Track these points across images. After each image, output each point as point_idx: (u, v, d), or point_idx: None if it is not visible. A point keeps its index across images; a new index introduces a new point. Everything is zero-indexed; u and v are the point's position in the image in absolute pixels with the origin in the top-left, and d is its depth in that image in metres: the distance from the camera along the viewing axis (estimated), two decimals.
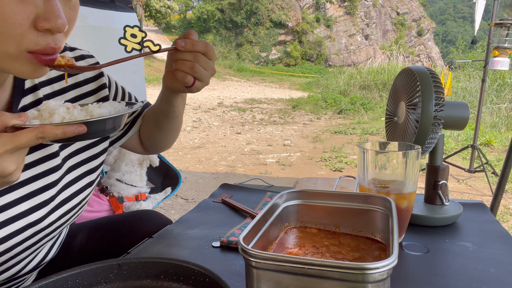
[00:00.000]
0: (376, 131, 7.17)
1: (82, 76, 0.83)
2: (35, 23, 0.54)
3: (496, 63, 3.64)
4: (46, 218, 0.75)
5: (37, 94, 0.74)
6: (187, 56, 0.72)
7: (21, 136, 0.51)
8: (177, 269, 0.62)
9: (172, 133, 0.96)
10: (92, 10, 2.61)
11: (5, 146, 0.50)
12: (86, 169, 0.83)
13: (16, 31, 0.53)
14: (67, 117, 0.59)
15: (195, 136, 7.03)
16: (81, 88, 0.83)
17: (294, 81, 23.72)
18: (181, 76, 0.73)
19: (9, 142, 0.51)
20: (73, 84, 0.82)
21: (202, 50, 0.73)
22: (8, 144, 0.51)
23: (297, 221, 0.82)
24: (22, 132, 0.52)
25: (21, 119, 0.53)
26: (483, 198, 3.78)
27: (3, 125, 0.52)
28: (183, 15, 36.92)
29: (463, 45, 25.71)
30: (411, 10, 36.83)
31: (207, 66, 0.74)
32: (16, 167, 0.53)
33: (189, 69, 0.72)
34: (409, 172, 0.86)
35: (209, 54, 0.74)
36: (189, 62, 0.72)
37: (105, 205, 2.03)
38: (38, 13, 0.54)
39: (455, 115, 1.02)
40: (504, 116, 7.29)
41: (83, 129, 0.55)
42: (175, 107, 0.87)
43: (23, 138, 0.51)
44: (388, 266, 0.51)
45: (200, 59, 0.73)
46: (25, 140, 0.52)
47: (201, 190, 4.02)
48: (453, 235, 0.96)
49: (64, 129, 0.53)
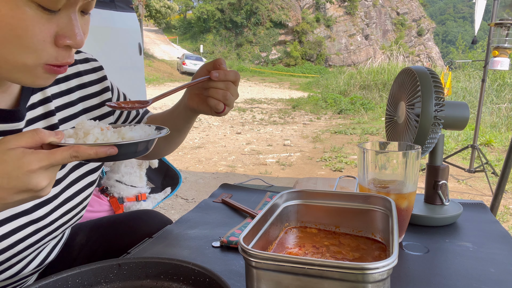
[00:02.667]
0: (376, 131, 7.17)
1: (87, 78, 0.86)
2: (56, 40, 0.58)
3: (496, 63, 3.64)
4: (49, 216, 0.76)
5: (45, 93, 0.76)
6: (220, 85, 0.77)
7: (56, 154, 0.54)
8: (177, 269, 0.62)
9: (178, 144, 1.01)
10: (92, 10, 2.61)
11: (41, 163, 0.53)
12: (87, 169, 0.85)
13: (39, 47, 0.57)
14: (100, 138, 0.62)
15: (195, 136, 7.03)
16: (86, 90, 0.85)
17: (294, 81, 23.70)
18: (214, 104, 0.78)
19: (45, 159, 0.53)
20: (78, 85, 0.84)
21: (233, 79, 0.78)
22: (44, 161, 0.53)
23: (297, 221, 0.82)
24: (58, 150, 0.54)
25: (58, 137, 0.56)
26: (483, 198, 3.78)
27: (41, 142, 0.55)
28: (183, 15, 36.85)
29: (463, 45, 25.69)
30: (411, 10, 36.79)
31: (235, 93, 0.80)
32: (48, 183, 0.55)
33: (221, 97, 0.77)
34: (409, 172, 0.86)
35: (237, 82, 0.80)
36: (222, 91, 0.77)
37: (105, 205, 2.03)
38: (58, 31, 0.58)
39: (455, 115, 1.02)
40: (504, 116, 7.29)
41: (114, 150, 0.57)
42: (191, 124, 0.93)
43: (58, 156, 0.54)
44: (388, 266, 0.51)
45: (230, 87, 0.78)
46: (60, 158, 0.54)
47: (201, 190, 4.02)
48: (453, 235, 0.96)
49: (97, 150, 0.56)
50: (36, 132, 0.54)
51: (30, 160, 0.52)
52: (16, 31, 0.54)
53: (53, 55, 0.59)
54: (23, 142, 0.53)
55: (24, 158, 0.52)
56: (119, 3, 2.89)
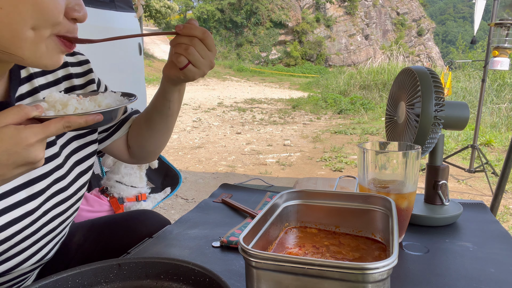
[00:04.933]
0: (376, 131, 7.17)
1: (73, 70, 0.87)
2: (66, 12, 0.61)
3: (496, 63, 3.64)
4: (42, 207, 0.77)
5: (32, 84, 0.77)
6: (184, 40, 0.75)
7: (50, 126, 0.57)
8: (177, 269, 0.62)
9: (162, 136, 0.97)
10: (92, 10, 2.61)
11: (37, 136, 0.55)
12: (79, 171, 0.86)
13: (55, 19, 0.59)
14: (79, 107, 0.64)
15: (195, 136, 7.03)
16: (72, 81, 0.86)
17: (294, 81, 23.71)
18: (176, 58, 0.76)
19: (41, 132, 0.56)
20: (64, 75, 0.85)
21: (200, 36, 0.75)
22: (40, 134, 0.56)
23: (297, 221, 0.82)
24: (51, 122, 0.57)
25: (39, 111, 0.58)
26: (483, 198, 3.78)
27: (25, 117, 0.56)
28: (183, 15, 36.90)
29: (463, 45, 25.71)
30: (411, 10, 36.84)
31: (204, 54, 0.76)
32: (43, 154, 0.58)
33: (183, 51, 0.75)
34: (409, 172, 0.86)
35: (207, 41, 0.76)
36: (184, 45, 0.75)
37: (105, 205, 2.03)
38: (68, 4, 0.61)
39: (455, 115, 1.02)
40: (504, 116, 7.29)
41: (100, 117, 0.61)
42: (171, 103, 0.89)
43: (52, 127, 0.57)
44: (388, 266, 0.51)
45: (196, 43, 0.75)
46: (54, 129, 0.57)
47: (201, 190, 4.02)
48: (453, 235, 0.96)
49: (86, 118, 0.59)
50: (20, 108, 0.56)
51: (27, 135, 0.54)
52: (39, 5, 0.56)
53: (65, 27, 0.62)
54: (9, 119, 0.55)
55: (21, 133, 0.54)
56: (119, 3, 2.89)
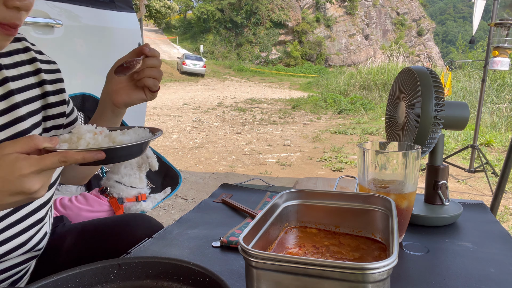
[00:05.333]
0: (376, 131, 7.17)
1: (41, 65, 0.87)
2: (5, 1, 0.63)
3: (496, 63, 3.64)
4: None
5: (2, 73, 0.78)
6: (154, 61, 0.79)
7: (46, 159, 0.58)
8: (177, 269, 0.62)
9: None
10: (92, 10, 2.60)
11: (31, 168, 0.57)
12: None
13: None
14: (92, 142, 0.65)
15: (195, 136, 7.03)
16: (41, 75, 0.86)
17: (294, 81, 23.69)
18: (152, 83, 0.80)
19: (36, 164, 0.57)
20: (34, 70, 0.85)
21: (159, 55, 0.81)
22: (34, 166, 0.57)
23: (297, 221, 0.82)
24: (48, 156, 0.58)
25: (52, 143, 0.60)
26: (483, 198, 3.78)
27: (35, 147, 0.59)
28: (183, 15, 36.83)
29: (463, 45, 25.71)
30: (411, 10, 36.80)
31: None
32: (40, 186, 0.59)
33: (157, 74, 0.80)
34: (409, 172, 0.86)
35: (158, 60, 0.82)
36: (156, 69, 0.80)
37: (105, 205, 2.02)
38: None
39: (455, 115, 1.02)
40: (504, 116, 7.29)
41: (101, 155, 0.61)
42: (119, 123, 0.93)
43: (47, 161, 0.58)
44: (388, 266, 0.51)
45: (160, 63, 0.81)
46: (49, 163, 0.58)
47: (201, 190, 4.02)
48: (453, 235, 0.96)
49: (84, 155, 0.60)
50: (31, 138, 0.58)
51: (22, 165, 0.56)
52: None
53: (1, 15, 0.63)
54: (18, 147, 0.57)
55: (17, 163, 0.56)
56: (119, 3, 2.89)
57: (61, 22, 2.26)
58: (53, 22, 2.21)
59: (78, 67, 2.49)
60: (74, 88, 2.45)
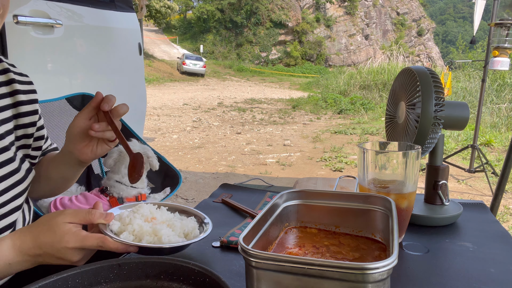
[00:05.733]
0: (376, 131, 7.17)
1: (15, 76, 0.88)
2: None
3: (496, 63, 3.64)
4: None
5: None
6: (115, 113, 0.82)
7: (88, 240, 0.68)
8: (177, 269, 0.62)
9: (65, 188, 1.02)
10: (92, 10, 2.60)
11: (76, 244, 0.68)
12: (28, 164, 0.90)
13: None
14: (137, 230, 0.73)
15: (195, 136, 7.03)
16: (15, 85, 0.88)
17: (294, 81, 23.68)
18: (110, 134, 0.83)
19: (79, 242, 0.68)
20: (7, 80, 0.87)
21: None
22: (78, 243, 0.68)
23: (297, 221, 0.82)
24: (90, 238, 0.68)
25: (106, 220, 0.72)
26: (483, 198, 3.78)
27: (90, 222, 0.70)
28: (183, 15, 36.83)
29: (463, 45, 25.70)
30: (411, 10, 36.80)
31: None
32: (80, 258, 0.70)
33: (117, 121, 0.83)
34: (409, 172, 0.86)
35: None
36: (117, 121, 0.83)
37: (105, 205, 2.02)
38: None
39: (455, 115, 1.02)
40: (504, 116, 7.29)
41: (134, 249, 0.70)
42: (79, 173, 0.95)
43: (89, 242, 0.68)
44: (388, 266, 0.51)
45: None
46: (89, 244, 0.68)
47: (201, 190, 4.02)
48: (453, 235, 0.96)
49: (118, 246, 0.69)
50: (90, 213, 0.70)
51: (69, 239, 0.67)
52: None
53: None
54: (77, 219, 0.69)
55: (66, 236, 0.67)
56: (119, 3, 2.89)
57: (61, 22, 2.26)
58: (53, 22, 2.21)
59: (78, 67, 2.49)
60: (74, 88, 2.45)
